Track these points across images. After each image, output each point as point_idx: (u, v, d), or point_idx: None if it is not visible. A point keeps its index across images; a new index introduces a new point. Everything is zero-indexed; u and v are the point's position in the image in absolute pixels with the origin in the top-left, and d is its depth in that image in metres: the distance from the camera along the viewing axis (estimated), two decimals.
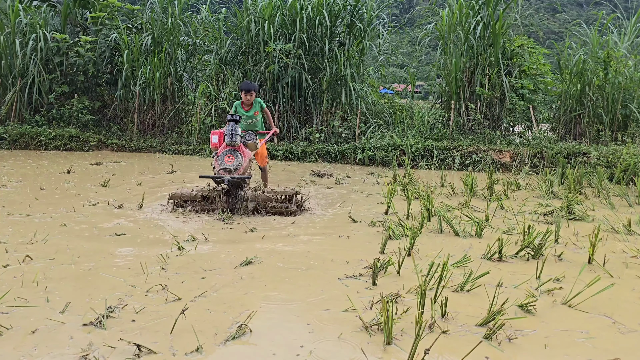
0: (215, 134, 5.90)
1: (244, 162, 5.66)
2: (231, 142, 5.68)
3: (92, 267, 3.81)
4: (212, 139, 5.89)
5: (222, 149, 5.75)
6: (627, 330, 2.95)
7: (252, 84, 6.62)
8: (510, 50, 12.86)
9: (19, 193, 6.72)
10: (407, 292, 3.41)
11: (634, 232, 5.27)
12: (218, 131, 5.92)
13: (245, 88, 6.60)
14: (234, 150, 5.68)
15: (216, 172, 5.61)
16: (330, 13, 13.28)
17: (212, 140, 5.90)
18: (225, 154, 5.65)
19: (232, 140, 5.66)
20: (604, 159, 9.48)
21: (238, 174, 5.55)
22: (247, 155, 5.82)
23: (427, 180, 8.84)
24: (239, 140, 5.71)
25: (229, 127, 5.68)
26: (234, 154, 5.63)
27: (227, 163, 5.58)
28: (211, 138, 5.92)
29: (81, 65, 13.80)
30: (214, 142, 5.88)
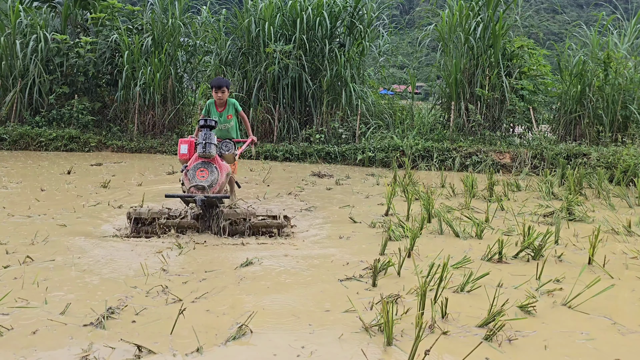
0: (184, 143, 5.01)
1: (220, 178, 4.69)
2: (205, 153, 4.67)
3: (92, 268, 3.81)
4: (181, 149, 4.97)
5: (194, 161, 4.76)
6: (627, 331, 2.95)
7: (224, 80, 5.71)
8: (511, 51, 12.87)
9: (20, 194, 6.73)
10: (408, 293, 3.42)
11: (634, 233, 5.27)
12: (188, 139, 5.03)
13: (216, 84, 5.62)
14: (208, 163, 4.70)
15: (186, 190, 4.64)
16: (331, 14, 13.29)
17: (180, 150, 4.96)
18: (197, 167, 4.66)
19: (207, 151, 4.66)
20: (604, 160, 9.49)
21: (213, 192, 4.63)
22: (224, 169, 4.86)
23: (427, 181, 8.84)
24: (214, 150, 4.72)
25: (203, 135, 4.70)
26: (208, 168, 4.65)
27: (199, 179, 4.59)
28: (179, 148, 4.96)
29: (81, 66, 13.81)
30: (182, 153, 4.97)
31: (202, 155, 4.69)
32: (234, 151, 5.03)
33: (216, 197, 4.46)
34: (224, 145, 4.97)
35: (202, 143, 4.68)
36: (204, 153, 4.67)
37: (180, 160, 5.02)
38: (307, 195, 7.37)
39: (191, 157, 4.93)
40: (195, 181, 4.59)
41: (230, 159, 5.08)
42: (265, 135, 13.37)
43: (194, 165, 4.70)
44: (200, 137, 4.73)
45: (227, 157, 5.03)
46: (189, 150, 5.00)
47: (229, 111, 5.79)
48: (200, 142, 4.69)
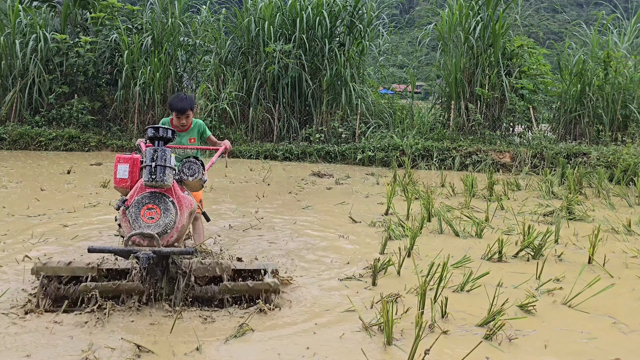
0: (123, 162, 3.26)
1: (179, 219, 3.04)
2: (156, 182, 2.96)
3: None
4: (118, 172, 3.24)
5: (137, 192, 3.08)
6: (628, 330, 2.95)
7: (187, 100, 4.04)
8: (510, 50, 12.87)
9: (20, 193, 6.72)
10: (407, 293, 3.41)
11: (634, 233, 5.27)
12: (128, 156, 3.28)
13: (178, 107, 3.98)
14: (159, 196, 3.02)
15: (125, 238, 2.99)
16: (330, 13, 13.28)
17: (116, 173, 3.24)
18: (142, 203, 2.99)
19: (159, 179, 2.95)
20: (604, 159, 9.49)
21: (168, 241, 3.00)
22: (186, 204, 3.14)
23: (427, 180, 8.84)
24: (170, 177, 3.02)
25: (151, 153, 2.99)
26: (159, 204, 2.99)
27: (146, 221, 2.95)
28: (115, 170, 3.25)
29: (81, 66, 13.81)
30: (120, 177, 3.24)
31: (151, 184, 2.95)
32: (201, 175, 3.25)
33: (172, 253, 2.93)
34: (186, 168, 3.24)
35: (150, 166, 2.94)
36: (154, 181, 2.94)
37: (116, 188, 3.28)
38: (307, 195, 7.37)
39: (134, 185, 3.16)
40: (138, 225, 2.92)
41: (196, 186, 3.38)
42: (265, 135, 13.37)
43: (138, 199, 2.98)
44: (147, 155, 2.96)
45: (191, 184, 3.32)
46: (132, 174, 3.23)
47: (191, 134, 4.20)
48: (148, 164, 2.94)
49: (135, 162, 3.25)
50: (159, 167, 2.95)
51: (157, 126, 3.09)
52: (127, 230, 2.98)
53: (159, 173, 2.95)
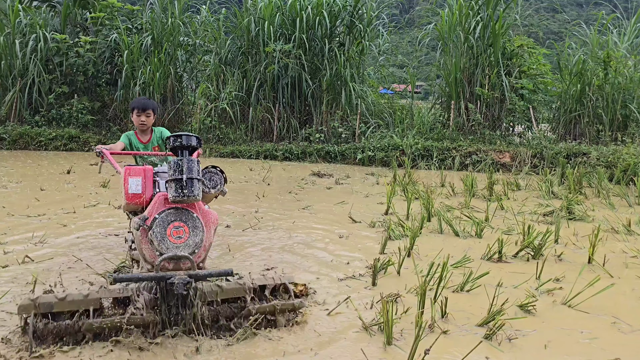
0: (135, 175, 2.87)
1: (206, 237, 2.73)
2: (187, 197, 2.61)
3: (92, 268, 3.81)
4: (130, 187, 2.86)
5: (158, 207, 2.68)
6: (628, 330, 2.95)
7: (150, 101, 4.06)
8: (510, 50, 12.87)
9: (19, 193, 6.72)
10: (407, 293, 3.41)
11: (633, 232, 5.27)
12: (140, 168, 2.91)
13: (140, 105, 3.98)
14: (185, 212, 2.69)
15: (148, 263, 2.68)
16: (330, 13, 13.29)
17: (127, 187, 2.85)
18: (168, 221, 2.63)
19: (190, 193, 2.61)
20: (603, 159, 9.49)
21: (195, 262, 2.65)
22: (212, 219, 2.82)
23: (427, 180, 8.84)
24: (200, 191, 2.67)
25: (178, 164, 2.63)
26: (187, 222, 2.67)
27: (174, 242, 2.62)
28: (125, 184, 2.86)
29: (81, 66, 13.81)
30: (134, 192, 2.86)
31: (182, 199, 2.60)
32: (222, 187, 2.95)
33: (210, 275, 2.60)
34: (207, 179, 2.89)
35: (178, 178, 2.58)
36: (185, 196, 2.59)
37: (127, 205, 2.87)
38: (307, 195, 7.37)
39: (152, 200, 2.76)
40: (166, 247, 2.58)
41: (211, 198, 3.13)
42: (265, 135, 13.37)
43: (162, 217, 2.62)
44: (171, 166, 2.62)
45: (209, 197, 3.06)
46: (145, 187, 2.85)
47: (155, 142, 4.12)
48: (177, 177, 2.59)
49: (147, 174, 2.88)
50: (189, 181, 2.59)
51: (180, 134, 2.68)
52: (148, 254, 2.58)
53: (189, 187, 2.59)
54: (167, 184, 2.64)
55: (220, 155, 12.22)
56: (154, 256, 2.59)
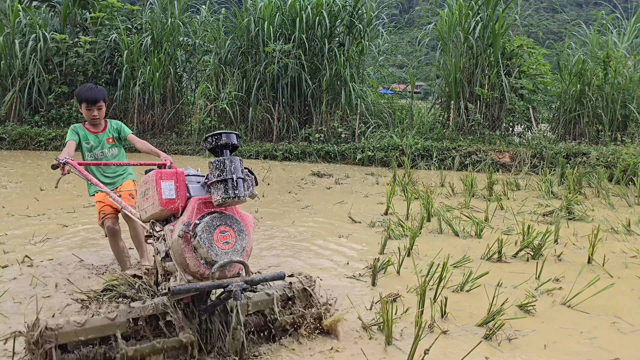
0: (167, 179, 2.50)
1: (249, 239, 2.51)
2: (239, 198, 2.38)
3: (92, 268, 3.81)
4: (163, 191, 2.48)
5: (198, 210, 2.43)
6: (627, 330, 2.95)
7: (99, 90, 3.65)
8: (510, 50, 12.87)
9: (19, 193, 6.72)
10: (407, 292, 3.41)
11: (633, 232, 5.27)
12: (171, 171, 2.55)
13: (89, 97, 3.57)
14: (229, 217, 2.45)
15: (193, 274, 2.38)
16: (330, 13, 13.29)
17: (160, 192, 2.47)
18: (214, 226, 2.38)
19: (241, 193, 2.39)
20: (603, 159, 9.49)
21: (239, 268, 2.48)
22: (250, 223, 2.59)
23: (426, 180, 8.84)
24: (246, 192, 2.45)
25: (224, 163, 2.40)
26: (232, 226, 2.43)
27: (221, 248, 2.38)
28: (158, 188, 2.48)
29: (81, 66, 13.81)
30: (167, 197, 2.48)
31: (230, 201, 2.36)
32: (253, 189, 2.60)
33: (264, 280, 2.45)
34: (250, 180, 2.55)
35: (227, 178, 2.36)
36: (236, 197, 2.36)
37: (161, 212, 2.48)
38: (307, 195, 7.37)
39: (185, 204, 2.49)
40: (215, 253, 2.33)
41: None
42: (264, 135, 13.37)
43: (207, 221, 2.37)
44: (215, 167, 2.40)
45: None
46: (179, 191, 2.50)
47: (109, 133, 3.73)
48: (224, 177, 2.36)
49: (179, 177, 2.51)
50: (239, 180, 2.37)
51: (219, 132, 2.47)
52: (193, 263, 2.32)
53: (240, 187, 2.37)
54: (213, 186, 2.38)
55: None
56: (198, 265, 2.33)
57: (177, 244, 2.35)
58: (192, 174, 2.61)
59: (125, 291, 2.97)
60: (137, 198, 2.63)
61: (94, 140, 3.66)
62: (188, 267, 2.35)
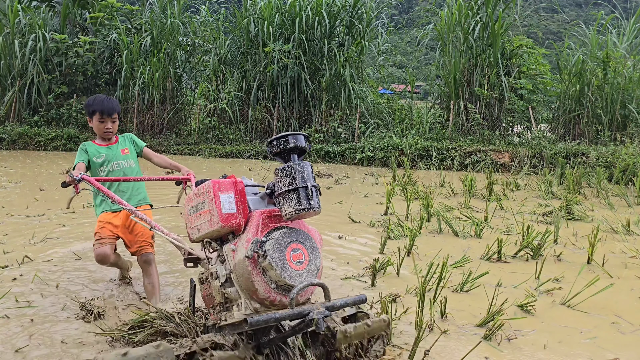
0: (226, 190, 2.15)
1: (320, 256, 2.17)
2: (314, 209, 2.04)
3: (91, 267, 3.81)
4: (223, 205, 2.11)
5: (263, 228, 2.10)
6: (627, 330, 2.95)
7: (115, 101, 3.30)
8: (510, 50, 12.88)
9: (19, 193, 6.72)
10: (407, 293, 3.41)
11: (633, 233, 5.27)
12: (229, 181, 2.18)
13: (106, 108, 3.21)
14: (299, 232, 2.11)
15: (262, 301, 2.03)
16: (330, 13, 13.29)
17: (219, 205, 2.11)
18: (285, 243, 2.02)
19: (316, 204, 2.05)
20: (603, 159, 9.49)
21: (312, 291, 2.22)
22: (319, 239, 2.25)
23: (426, 180, 8.84)
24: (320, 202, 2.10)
25: (291, 169, 2.06)
26: (304, 242, 2.10)
27: (295, 269, 2.03)
28: (217, 202, 2.11)
29: (80, 66, 13.81)
30: (227, 211, 2.11)
31: (306, 212, 2.03)
32: None
33: (346, 305, 2.13)
34: None
35: (302, 187, 2.03)
36: (312, 209, 2.03)
37: (220, 228, 2.10)
38: None
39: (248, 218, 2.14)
40: (288, 275, 1.99)
41: None
42: (264, 135, 13.36)
43: (278, 237, 2.02)
44: (284, 174, 2.05)
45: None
46: (239, 204, 2.14)
47: (124, 144, 3.37)
48: (298, 185, 2.03)
49: (240, 187, 2.15)
50: (314, 189, 2.04)
51: (285, 134, 2.10)
52: (263, 287, 1.98)
53: (315, 196, 2.04)
54: (283, 197, 2.03)
55: (220, 156, 12.22)
56: (268, 290, 1.98)
57: (243, 266, 1.99)
58: (248, 184, 2.27)
59: (164, 326, 2.48)
60: (186, 214, 2.27)
61: (107, 152, 3.25)
62: (256, 293, 1.99)
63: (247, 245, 1.99)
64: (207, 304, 2.26)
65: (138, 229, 3.12)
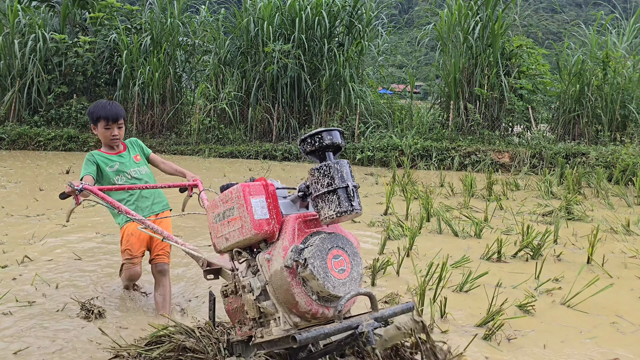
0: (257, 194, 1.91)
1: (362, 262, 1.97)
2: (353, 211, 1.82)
3: (91, 267, 3.81)
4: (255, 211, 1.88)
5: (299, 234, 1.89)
6: (627, 330, 2.95)
7: (119, 107, 3.13)
8: (509, 50, 12.88)
9: (18, 193, 6.72)
10: (406, 293, 3.41)
11: (632, 232, 5.28)
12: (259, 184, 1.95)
13: (111, 114, 3.04)
14: (339, 237, 1.90)
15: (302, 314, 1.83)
16: (330, 13, 13.29)
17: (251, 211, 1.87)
18: (325, 250, 1.81)
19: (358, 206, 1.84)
20: (602, 159, 9.50)
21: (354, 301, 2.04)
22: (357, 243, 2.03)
23: (426, 180, 8.84)
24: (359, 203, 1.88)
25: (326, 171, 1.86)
26: (345, 247, 1.89)
27: (337, 277, 1.82)
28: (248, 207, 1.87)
29: (80, 66, 13.81)
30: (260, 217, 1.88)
31: (349, 214, 1.83)
32: None
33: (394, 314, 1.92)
34: None
35: (342, 187, 1.84)
36: (352, 210, 1.83)
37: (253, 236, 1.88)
38: None
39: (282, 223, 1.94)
40: (332, 285, 1.80)
41: None
42: (264, 135, 13.37)
43: (318, 244, 1.82)
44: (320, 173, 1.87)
45: None
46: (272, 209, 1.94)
47: (134, 150, 3.23)
48: (338, 186, 1.83)
49: (271, 190, 1.95)
50: (354, 189, 1.84)
51: (319, 130, 1.91)
52: (304, 300, 1.79)
53: (356, 197, 1.84)
54: (320, 199, 1.83)
55: (220, 156, 12.22)
56: (310, 302, 1.80)
57: (281, 277, 1.80)
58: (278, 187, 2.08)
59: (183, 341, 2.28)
60: (211, 222, 2.05)
61: (119, 160, 3.07)
62: (296, 306, 1.80)
63: (285, 254, 1.80)
64: (232, 318, 2.06)
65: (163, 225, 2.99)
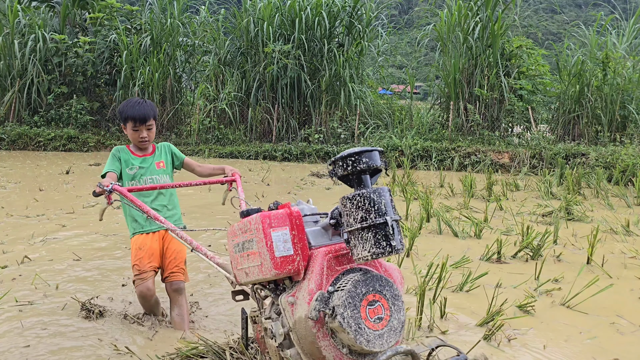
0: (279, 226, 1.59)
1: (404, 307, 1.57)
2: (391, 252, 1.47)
3: (92, 267, 3.81)
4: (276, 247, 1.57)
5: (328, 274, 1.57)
6: (627, 330, 2.95)
7: (149, 106, 2.90)
8: (509, 51, 12.89)
9: (18, 194, 6.72)
10: (406, 293, 3.41)
11: (632, 233, 5.28)
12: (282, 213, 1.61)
13: (139, 115, 2.84)
14: (377, 278, 1.53)
15: None
16: (329, 14, 13.30)
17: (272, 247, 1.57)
18: (359, 296, 1.47)
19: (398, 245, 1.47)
20: (602, 159, 9.50)
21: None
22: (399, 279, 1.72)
23: (426, 180, 8.84)
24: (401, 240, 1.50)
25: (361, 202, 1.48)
26: (383, 291, 1.52)
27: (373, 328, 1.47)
28: (269, 243, 1.57)
29: (80, 66, 13.81)
30: (282, 254, 1.58)
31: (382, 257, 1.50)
32: None
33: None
34: None
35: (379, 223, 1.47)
36: (391, 251, 1.48)
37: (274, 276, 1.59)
38: (306, 195, 7.37)
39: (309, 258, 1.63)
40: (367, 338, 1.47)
41: None
42: (264, 135, 13.37)
43: (349, 289, 1.48)
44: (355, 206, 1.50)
45: None
46: (297, 244, 1.62)
47: (160, 156, 3.00)
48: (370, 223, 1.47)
49: (296, 220, 1.64)
50: (395, 224, 1.50)
51: (359, 150, 1.54)
52: (333, 354, 1.53)
53: (397, 234, 1.50)
54: (354, 235, 1.51)
55: (219, 156, 12.22)
56: (340, 356, 1.54)
57: (305, 326, 1.55)
58: (307, 212, 1.81)
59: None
60: (231, 251, 1.83)
61: (141, 164, 2.89)
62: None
63: (310, 299, 1.52)
64: (262, 347, 1.91)
65: (170, 252, 2.78)
